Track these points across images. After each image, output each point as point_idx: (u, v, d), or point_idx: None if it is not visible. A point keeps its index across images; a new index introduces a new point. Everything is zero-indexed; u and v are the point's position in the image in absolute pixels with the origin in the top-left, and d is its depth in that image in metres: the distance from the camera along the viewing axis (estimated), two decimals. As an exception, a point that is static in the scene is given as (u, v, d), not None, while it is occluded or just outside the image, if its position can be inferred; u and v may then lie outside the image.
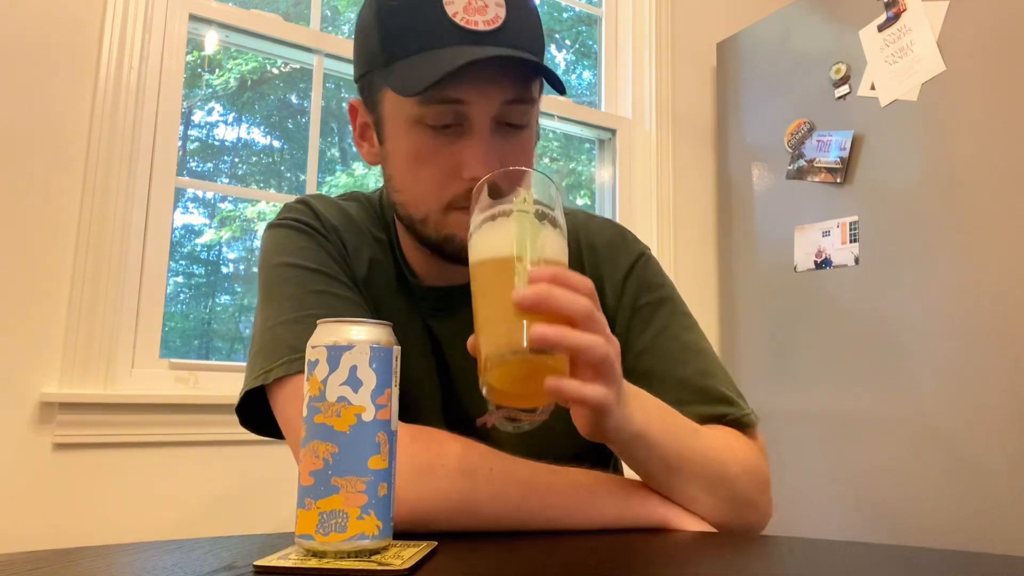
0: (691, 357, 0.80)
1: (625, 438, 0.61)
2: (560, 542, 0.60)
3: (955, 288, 1.72)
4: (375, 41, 0.70)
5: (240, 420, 0.76)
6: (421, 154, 0.71)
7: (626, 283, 0.82)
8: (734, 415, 0.77)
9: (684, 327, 0.82)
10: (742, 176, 2.29)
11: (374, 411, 0.50)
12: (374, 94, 0.74)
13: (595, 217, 0.89)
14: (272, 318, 0.72)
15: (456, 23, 0.67)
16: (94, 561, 0.53)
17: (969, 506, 1.64)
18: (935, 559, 0.57)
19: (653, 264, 0.86)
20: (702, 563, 0.56)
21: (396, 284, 0.81)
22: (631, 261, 0.84)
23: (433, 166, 0.70)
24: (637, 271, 0.83)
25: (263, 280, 0.77)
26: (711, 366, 0.80)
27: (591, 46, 2.50)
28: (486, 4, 0.68)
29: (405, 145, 0.71)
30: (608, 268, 0.83)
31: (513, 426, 0.78)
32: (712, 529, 0.69)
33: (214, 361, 1.73)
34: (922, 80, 1.83)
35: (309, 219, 0.79)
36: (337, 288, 0.74)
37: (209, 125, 1.89)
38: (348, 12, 2.14)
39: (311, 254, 0.76)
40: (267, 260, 0.77)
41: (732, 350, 2.25)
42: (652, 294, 0.82)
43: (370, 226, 0.82)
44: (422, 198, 0.72)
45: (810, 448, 1.97)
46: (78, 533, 1.40)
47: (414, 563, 0.49)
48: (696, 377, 0.78)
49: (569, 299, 0.53)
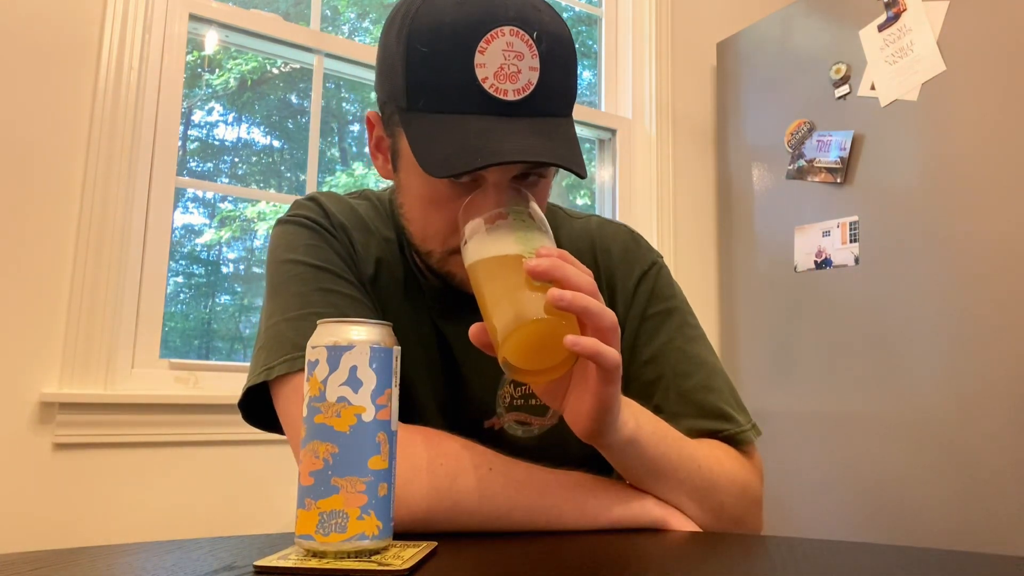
0: (694, 370, 0.79)
1: (618, 442, 0.63)
2: (559, 542, 0.60)
3: (955, 288, 1.72)
4: (400, 83, 0.67)
5: (243, 415, 0.76)
6: (434, 200, 0.70)
7: (637, 291, 0.82)
8: (729, 431, 0.76)
9: (690, 339, 0.82)
10: (742, 176, 2.29)
11: (374, 411, 0.50)
12: (392, 126, 0.72)
13: (609, 222, 0.89)
14: (277, 314, 0.72)
15: (485, 90, 0.63)
16: (94, 561, 0.53)
17: (969, 506, 1.64)
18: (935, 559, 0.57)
19: (665, 273, 0.86)
20: (701, 563, 0.56)
21: (404, 284, 0.80)
22: (643, 269, 0.84)
23: (445, 212, 0.69)
24: (648, 280, 0.83)
25: (270, 276, 0.77)
26: (714, 380, 0.80)
27: (591, 46, 2.50)
28: (519, 70, 0.64)
29: (418, 187, 0.71)
30: (621, 274, 0.83)
31: (523, 429, 0.78)
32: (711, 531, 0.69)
33: (214, 361, 1.73)
34: (922, 80, 1.83)
35: (318, 216, 0.78)
36: (343, 286, 0.74)
37: (209, 125, 1.89)
38: (348, 12, 2.14)
39: (319, 252, 0.76)
40: (275, 256, 0.77)
41: (732, 350, 2.25)
42: (661, 304, 0.82)
43: (379, 225, 0.82)
44: (430, 238, 0.72)
45: (810, 448, 1.97)
46: (78, 533, 1.40)
47: (414, 563, 0.49)
48: (697, 391, 0.78)
49: (577, 273, 0.57)
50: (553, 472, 0.66)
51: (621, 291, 0.83)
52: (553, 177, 0.76)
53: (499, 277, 0.61)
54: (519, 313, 0.56)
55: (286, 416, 0.69)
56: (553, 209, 0.89)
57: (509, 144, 0.62)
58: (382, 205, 0.84)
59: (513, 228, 0.62)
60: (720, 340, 2.30)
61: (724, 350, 2.28)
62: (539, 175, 0.70)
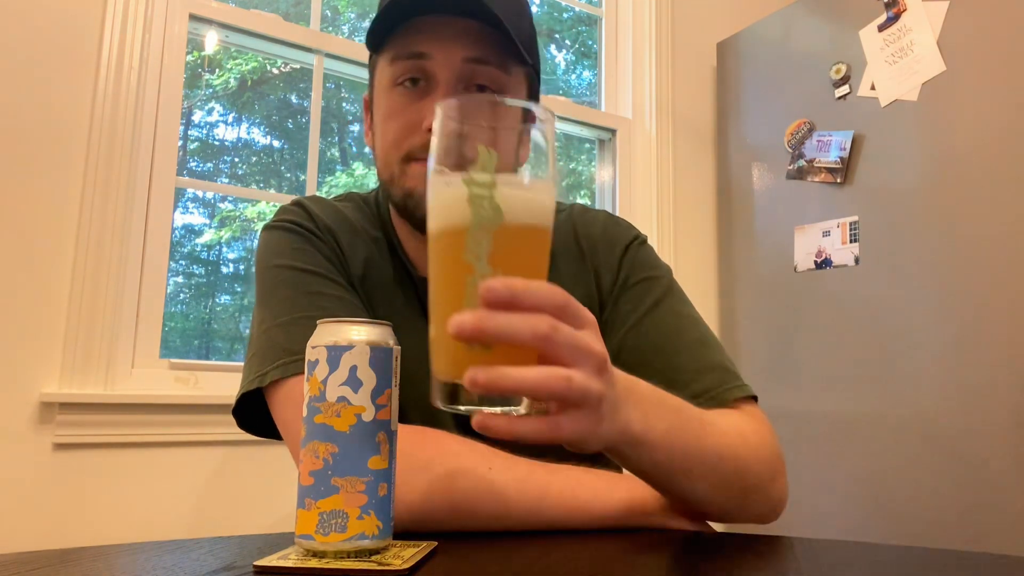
0: (688, 326, 0.79)
1: (623, 447, 0.55)
2: (560, 542, 0.60)
3: (955, 288, 1.72)
4: (371, 26, 0.75)
5: (237, 422, 0.76)
6: (391, 111, 0.75)
7: (622, 262, 0.83)
8: (731, 385, 0.75)
9: (679, 300, 0.82)
10: (742, 176, 2.29)
11: (374, 411, 0.50)
12: (372, 75, 0.80)
13: (589, 208, 0.91)
14: (267, 320, 0.73)
15: None
16: (94, 561, 0.53)
17: (969, 505, 1.63)
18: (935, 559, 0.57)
19: (648, 247, 0.87)
20: (702, 563, 0.56)
21: (394, 281, 0.81)
22: (626, 243, 0.85)
23: (399, 120, 0.74)
24: (632, 251, 0.85)
25: (259, 283, 0.78)
26: (708, 336, 0.80)
27: (591, 46, 2.50)
28: None
29: (383, 108, 0.76)
30: (603, 251, 0.84)
31: None
32: (712, 528, 0.69)
33: (214, 361, 1.73)
34: (922, 80, 1.83)
35: (304, 221, 0.79)
36: (332, 289, 0.75)
37: (209, 125, 1.89)
38: (348, 12, 2.14)
39: (306, 256, 0.76)
40: (262, 263, 0.78)
41: (732, 350, 2.25)
42: (647, 272, 0.83)
43: (366, 225, 0.83)
44: (388, 153, 0.76)
45: (810, 448, 1.97)
46: (78, 533, 1.40)
47: (414, 563, 0.49)
48: (694, 347, 0.77)
49: (513, 326, 0.42)
50: (553, 470, 0.66)
51: (605, 266, 0.83)
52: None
53: (436, 296, 0.47)
54: (444, 373, 0.46)
55: (282, 421, 0.69)
56: None
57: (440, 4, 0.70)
58: (368, 206, 0.85)
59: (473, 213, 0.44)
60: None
61: (724, 350, 2.28)
62: (490, 75, 0.73)
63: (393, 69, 0.75)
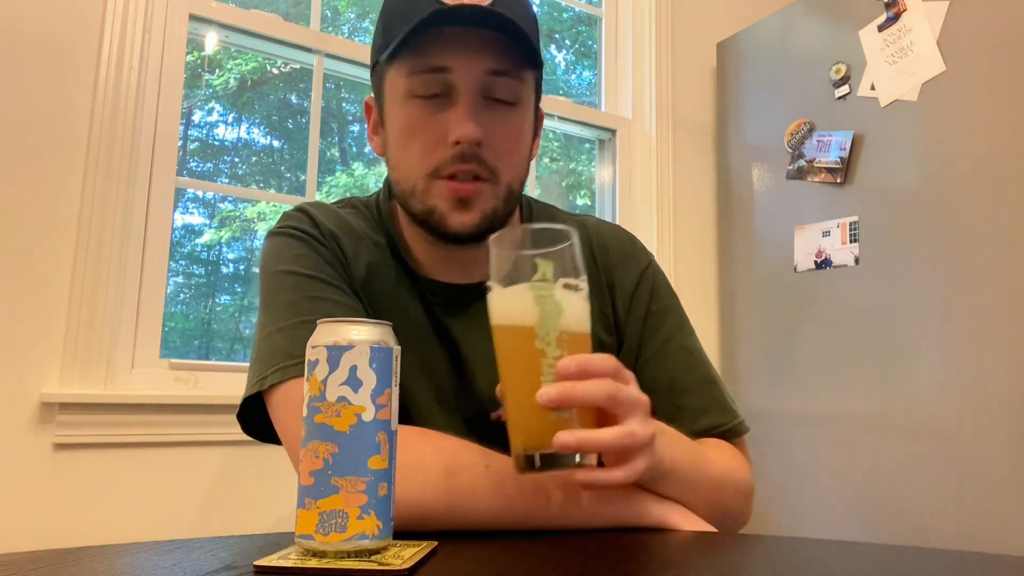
0: (696, 365, 0.85)
1: (657, 476, 0.65)
2: (559, 542, 0.60)
3: (955, 288, 1.72)
4: (379, 32, 0.75)
5: (242, 427, 0.76)
6: (411, 125, 0.74)
7: (637, 290, 0.87)
8: (730, 424, 0.82)
9: (688, 334, 0.88)
10: (742, 176, 2.29)
11: (374, 411, 0.50)
12: (380, 82, 0.78)
13: (604, 222, 0.94)
14: (270, 325, 0.74)
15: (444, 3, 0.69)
16: (94, 561, 0.53)
17: (969, 506, 1.64)
18: (935, 559, 0.57)
19: (660, 272, 0.91)
20: (702, 563, 0.56)
21: (398, 285, 0.81)
22: (641, 269, 0.88)
23: (422, 135, 0.74)
24: (647, 279, 0.88)
25: (262, 288, 0.78)
26: (712, 373, 0.86)
27: (591, 46, 2.50)
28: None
29: (400, 120, 0.75)
30: (620, 273, 0.87)
31: None
32: (711, 529, 0.69)
33: (214, 361, 1.73)
34: (922, 80, 1.83)
35: (307, 227, 0.80)
36: (334, 293, 0.75)
37: (209, 125, 1.89)
38: (348, 12, 2.14)
39: (309, 261, 0.77)
40: (266, 268, 0.79)
41: (732, 350, 2.25)
42: (661, 303, 0.87)
43: (368, 231, 0.83)
44: (411, 168, 0.75)
45: (810, 448, 1.97)
46: (78, 533, 1.40)
47: (414, 563, 0.49)
48: (700, 385, 0.83)
49: (589, 392, 0.55)
50: (553, 471, 0.67)
51: (621, 291, 0.87)
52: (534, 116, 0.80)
53: (513, 376, 0.59)
54: (533, 441, 0.57)
55: (280, 423, 0.70)
56: (549, 210, 0.91)
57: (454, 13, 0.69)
58: (369, 211, 0.86)
59: (540, 308, 0.57)
60: (720, 340, 2.30)
61: (724, 350, 2.28)
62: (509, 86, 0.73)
63: (410, 82, 0.73)
